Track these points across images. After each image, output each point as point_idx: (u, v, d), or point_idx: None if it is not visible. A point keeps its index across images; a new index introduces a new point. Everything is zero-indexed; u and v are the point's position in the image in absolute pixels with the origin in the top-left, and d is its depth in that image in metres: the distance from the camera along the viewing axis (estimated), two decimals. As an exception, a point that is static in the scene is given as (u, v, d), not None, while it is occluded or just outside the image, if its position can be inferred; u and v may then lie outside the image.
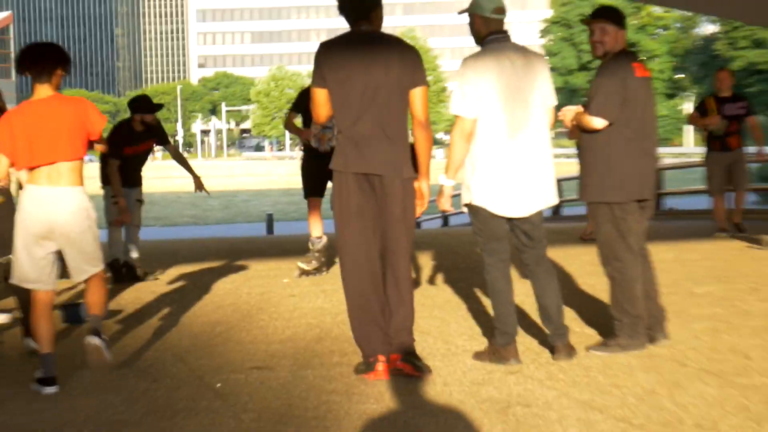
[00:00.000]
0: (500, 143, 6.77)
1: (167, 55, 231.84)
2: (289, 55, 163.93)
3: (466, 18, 7.01)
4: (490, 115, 6.75)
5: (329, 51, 6.59)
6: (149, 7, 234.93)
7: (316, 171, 11.02)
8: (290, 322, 8.64)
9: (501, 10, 6.95)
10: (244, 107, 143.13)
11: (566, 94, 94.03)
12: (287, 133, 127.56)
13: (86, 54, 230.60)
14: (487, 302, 9.21)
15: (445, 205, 6.94)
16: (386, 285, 6.69)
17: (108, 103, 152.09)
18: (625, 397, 6.02)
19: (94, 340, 6.60)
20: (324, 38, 7.20)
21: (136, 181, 11.36)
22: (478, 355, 7.08)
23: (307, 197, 11.35)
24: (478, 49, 6.88)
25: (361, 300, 6.68)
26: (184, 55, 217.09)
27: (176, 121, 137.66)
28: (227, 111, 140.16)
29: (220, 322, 8.78)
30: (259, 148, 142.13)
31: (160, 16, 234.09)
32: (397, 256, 6.63)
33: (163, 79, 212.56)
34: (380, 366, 6.59)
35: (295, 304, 9.53)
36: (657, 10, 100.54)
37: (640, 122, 7.07)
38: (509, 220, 6.94)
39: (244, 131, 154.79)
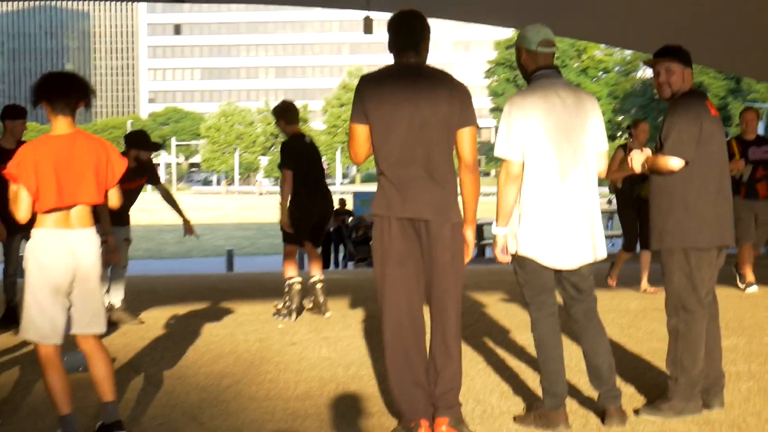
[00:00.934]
0: (549, 188, 6.09)
1: (118, 90, 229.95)
2: (237, 92, 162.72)
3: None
4: (538, 157, 6.08)
5: (372, 83, 5.88)
6: (100, 43, 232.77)
7: (304, 219, 10.90)
8: (300, 375, 7.85)
9: (549, 43, 6.27)
10: (193, 142, 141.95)
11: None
12: (236, 167, 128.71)
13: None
14: (503, 353, 8.53)
15: (502, 255, 6.23)
16: (432, 340, 5.96)
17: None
18: (702, 472, 5.32)
19: None
20: (273, 76, 6.44)
21: (124, 220, 10.54)
22: (522, 419, 6.34)
23: (286, 242, 11.12)
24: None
25: (403, 357, 5.92)
26: (134, 90, 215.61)
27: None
28: (177, 145, 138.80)
29: (225, 373, 7.97)
30: (207, 182, 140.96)
31: (111, 52, 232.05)
32: (446, 307, 5.91)
33: (113, 114, 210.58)
34: (423, 431, 5.83)
35: (299, 354, 8.74)
36: (599, 54, 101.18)
37: (716, 163, 6.41)
38: (557, 271, 6.24)
39: (192, 165, 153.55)
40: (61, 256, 5.68)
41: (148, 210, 51.26)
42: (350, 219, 30.14)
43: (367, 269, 20.02)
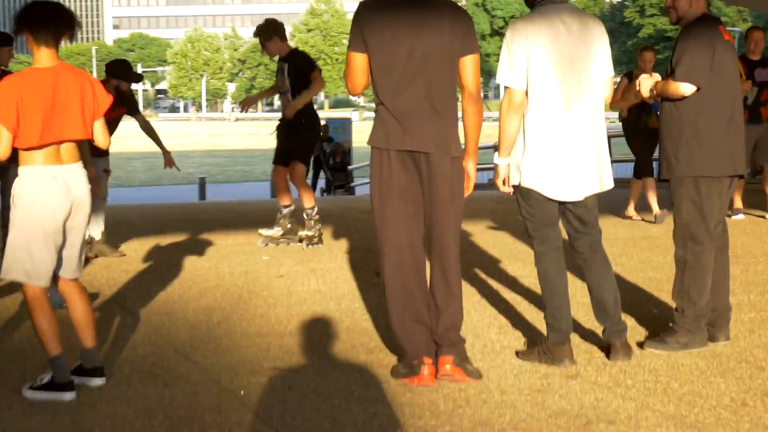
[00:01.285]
0: (554, 118, 5.85)
1: (82, 17, 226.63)
2: (204, 17, 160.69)
3: None
4: (541, 86, 5.83)
5: (371, 11, 5.55)
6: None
7: (283, 138, 10.68)
8: (291, 310, 7.63)
9: (557, -27, 5.98)
10: (159, 68, 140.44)
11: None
12: (203, 93, 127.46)
13: None
14: (497, 285, 8.36)
15: (503, 186, 5.99)
16: (432, 277, 5.73)
17: (22, 63, 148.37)
18: (716, 410, 5.15)
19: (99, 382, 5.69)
20: (239, 2, 6.10)
21: (103, 150, 10.19)
22: (525, 355, 6.15)
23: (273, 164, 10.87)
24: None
25: (404, 293, 5.69)
26: (98, 17, 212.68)
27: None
28: (143, 72, 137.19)
29: (214, 308, 7.74)
30: (174, 108, 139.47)
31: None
32: (446, 243, 5.67)
33: (77, 40, 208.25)
34: (426, 369, 5.61)
35: (288, 287, 8.51)
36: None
37: (728, 90, 6.17)
38: (561, 203, 6.01)
39: (159, 92, 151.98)
40: (56, 193, 5.39)
41: (116, 137, 50.72)
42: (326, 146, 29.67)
43: (347, 197, 19.71)
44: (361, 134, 14.07)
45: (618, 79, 11.36)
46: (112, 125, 10.09)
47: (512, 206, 6.84)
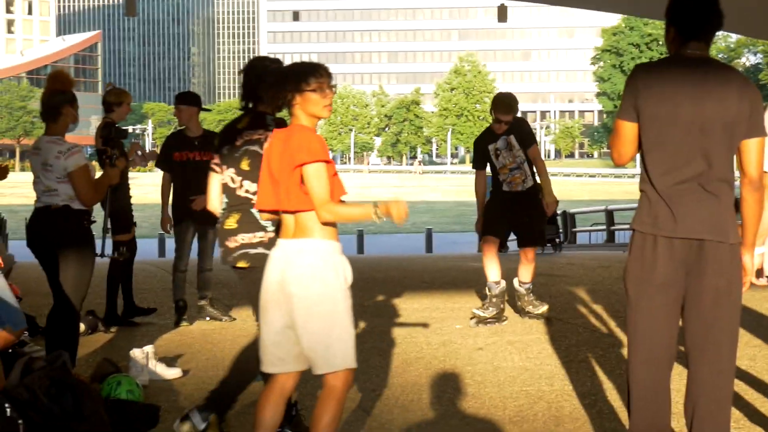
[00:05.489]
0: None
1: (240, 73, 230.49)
2: (352, 75, 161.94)
3: (515, 43, 5.06)
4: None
5: (648, 77, 4.67)
6: (223, 29, 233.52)
7: (500, 210, 9.44)
8: (503, 391, 6.90)
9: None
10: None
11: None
12: (352, 146, 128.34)
13: (164, 70, 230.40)
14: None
15: (758, 279, 5.17)
16: (692, 383, 4.78)
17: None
18: None
19: None
20: (385, 61, 5.25)
21: None
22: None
23: (483, 236, 9.55)
24: None
25: (653, 401, 4.78)
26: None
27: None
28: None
29: (421, 386, 7.05)
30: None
31: (233, 37, 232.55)
32: (718, 345, 4.70)
33: (235, 95, 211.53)
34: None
35: (490, 362, 7.79)
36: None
37: None
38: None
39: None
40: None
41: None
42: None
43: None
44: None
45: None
46: None
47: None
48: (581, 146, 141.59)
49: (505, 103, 9.30)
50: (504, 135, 9.33)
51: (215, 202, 5.74)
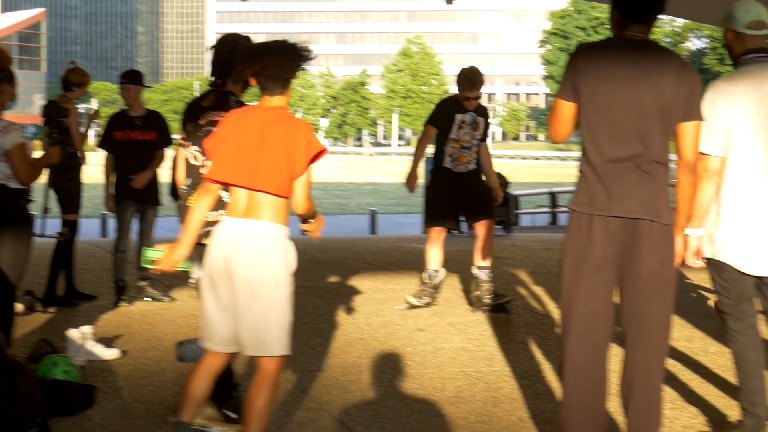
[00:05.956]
0: (754, 188, 5.12)
1: (185, 53, 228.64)
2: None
3: (463, 26, 5.04)
4: (742, 153, 5.10)
5: (588, 57, 4.70)
6: (169, 8, 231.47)
7: (444, 193, 9.19)
8: (442, 371, 6.93)
9: (761, 25, 5.24)
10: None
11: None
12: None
13: (109, 49, 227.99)
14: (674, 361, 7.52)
15: (694, 260, 5.23)
16: (628, 363, 4.85)
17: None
18: None
19: None
20: (333, 41, 5.19)
21: None
22: (714, 440, 5.39)
23: (428, 226, 9.35)
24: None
25: (587, 382, 4.78)
26: (201, 53, 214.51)
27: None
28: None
29: (360, 367, 7.06)
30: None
31: (180, 16, 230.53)
32: (650, 325, 4.75)
33: (181, 75, 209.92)
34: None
35: (430, 343, 7.82)
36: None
37: None
38: (757, 278, 5.25)
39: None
40: None
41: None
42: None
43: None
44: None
45: None
46: None
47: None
48: (527, 129, 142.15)
49: (469, 78, 9.05)
50: (474, 112, 9.11)
51: (182, 176, 5.71)
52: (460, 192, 9.13)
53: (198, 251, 5.33)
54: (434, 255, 9.23)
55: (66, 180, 9.05)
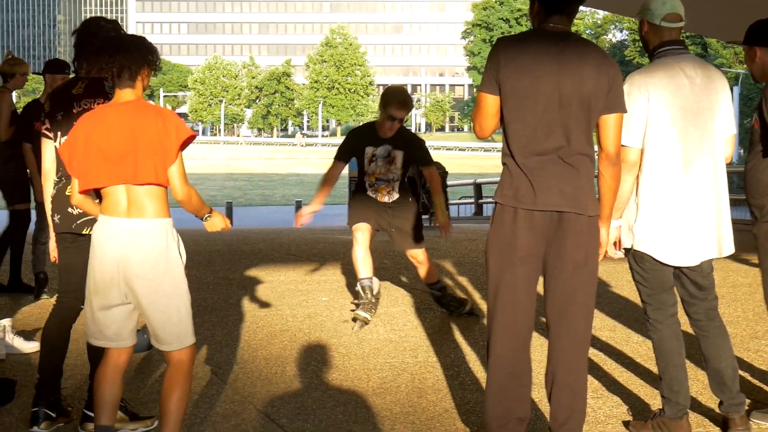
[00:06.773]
0: (672, 179, 5.16)
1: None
2: (222, 46, 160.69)
3: (387, 16, 5.02)
4: (660, 144, 5.15)
5: (509, 50, 4.68)
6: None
7: (367, 201, 8.43)
8: (367, 363, 6.94)
9: (676, 17, 5.30)
10: (180, 93, 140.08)
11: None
12: (222, 118, 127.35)
13: (28, 38, 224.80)
14: (597, 350, 7.60)
15: (614, 251, 5.27)
16: (552, 354, 4.88)
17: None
18: None
19: None
20: (256, 32, 5.17)
21: None
22: (637, 427, 5.44)
23: (353, 224, 8.39)
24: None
25: (510, 374, 4.81)
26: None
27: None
28: (164, 96, 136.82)
29: (285, 359, 7.04)
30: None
31: (101, 5, 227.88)
32: (574, 317, 4.79)
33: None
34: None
35: (355, 334, 7.82)
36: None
37: None
38: (676, 268, 5.33)
39: (179, 115, 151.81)
40: None
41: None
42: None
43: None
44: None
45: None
46: None
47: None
48: (452, 120, 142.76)
49: (399, 99, 8.05)
50: (390, 144, 8.21)
51: (51, 169, 5.57)
52: (383, 214, 8.44)
53: (77, 242, 5.30)
54: (363, 260, 8.20)
55: (10, 170, 9.06)
